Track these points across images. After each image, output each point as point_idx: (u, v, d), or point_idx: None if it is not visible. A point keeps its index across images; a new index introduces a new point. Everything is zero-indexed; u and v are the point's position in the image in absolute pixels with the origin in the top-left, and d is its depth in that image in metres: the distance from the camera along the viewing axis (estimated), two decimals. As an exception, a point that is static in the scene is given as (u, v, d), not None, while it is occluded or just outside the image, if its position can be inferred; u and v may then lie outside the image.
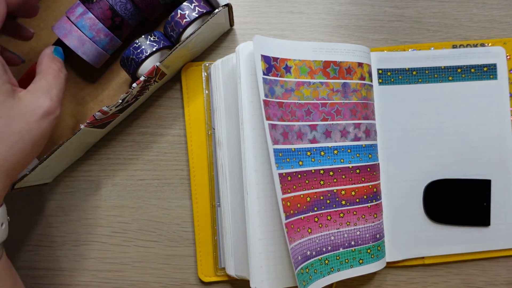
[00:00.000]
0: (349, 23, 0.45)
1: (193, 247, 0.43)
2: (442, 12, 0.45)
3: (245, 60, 0.37)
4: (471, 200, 0.42)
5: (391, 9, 0.45)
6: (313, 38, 0.45)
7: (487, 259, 0.43)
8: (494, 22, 0.45)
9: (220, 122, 0.40)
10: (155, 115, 0.44)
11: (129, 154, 0.43)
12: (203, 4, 0.39)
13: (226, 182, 0.40)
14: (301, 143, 0.37)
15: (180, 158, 0.43)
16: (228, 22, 0.42)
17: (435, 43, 0.44)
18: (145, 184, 0.43)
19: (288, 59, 0.38)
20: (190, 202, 0.43)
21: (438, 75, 0.43)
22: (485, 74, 0.43)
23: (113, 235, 0.42)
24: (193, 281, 0.42)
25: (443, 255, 0.42)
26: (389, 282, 0.43)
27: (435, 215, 0.42)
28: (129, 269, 0.42)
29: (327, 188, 0.38)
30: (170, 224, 0.43)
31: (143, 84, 0.37)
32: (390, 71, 0.43)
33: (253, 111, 0.37)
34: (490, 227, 0.43)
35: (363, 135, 0.40)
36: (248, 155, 0.37)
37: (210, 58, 0.44)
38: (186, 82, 0.43)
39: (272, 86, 0.37)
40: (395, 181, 0.42)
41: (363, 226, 0.40)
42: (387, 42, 0.45)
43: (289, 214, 0.35)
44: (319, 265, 0.37)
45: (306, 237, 0.37)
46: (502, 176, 0.43)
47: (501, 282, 0.43)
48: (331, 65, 0.39)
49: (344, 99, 0.39)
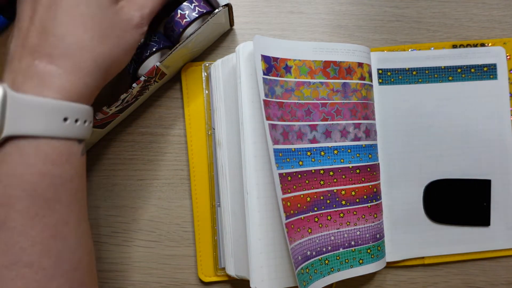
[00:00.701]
0: (349, 23, 0.45)
1: (193, 247, 0.43)
2: (442, 12, 0.45)
3: (245, 60, 0.37)
4: (471, 200, 0.42)
5: (391, 9, 0.45)
6: (313, 38, 0.45)
7: (487, 259, 0.43)
8: (494, 22, 0.45)
9: (220, 122, 0.40)
10: (155, 115, 0.44)
11: (129, 154, 0.43)
12: (203, 4, 0.39)
13: (226, 182, 0.40)
14: (301, 143, 0.37)
15: (180, 158, 0.43)
16: (228, 22, 0.42)
17: (435, 43, 0.44)
18: (145, 184, 0.43)
19: (288, 59, 0.38)
20: (190, 202, 0.43)
21: (438, 75, 0.43)
22: (485, 74, 0.43)
23: (113, 235, 0.42)
24: (193, 281, 0.42)
25: (443, 255, 0.42)
26: (389, 282, 0.43)
27: (435, 215, 0.42)
28: (129, 269, 0.42)
29: (327, 188, 0.38)
30: (170, 224, 0.43)
31: (143, 84, 0.38)
32: (390, 71, 0.43)
33: (253, 111, 0.37)
34: (490, 227, 0.43)
35: (363, 135, 0.40)
36: (248, 155, 0.37)
37: (210, 58, 0.44)
38: (186, 82, 0.43)
39: (272, 86, 0.37)
40: (395, 181, 0.42)
41: (363, 226, 0.40)
42: (387, 42, 0.45)
43: (289, 214, 0.35)
44: (319, 265, 0.37)
45: (306, 237, 0.37)
46: (502, 176, 0.43)
47: (501, 282, 0.43)
48: (331, 65, 0.39)
49: (344, 99, 0.39)
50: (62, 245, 0.28)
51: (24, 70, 0.27)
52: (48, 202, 0.27)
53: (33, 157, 0.26)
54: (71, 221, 0.28)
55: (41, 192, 0.27)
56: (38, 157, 0.27)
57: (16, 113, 0.26)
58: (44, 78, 0.27)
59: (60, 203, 0.28)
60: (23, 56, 0.28)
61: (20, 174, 0.26)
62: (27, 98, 0.26)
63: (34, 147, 0.27)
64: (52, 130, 0.27)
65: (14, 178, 0.26)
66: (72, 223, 0.28)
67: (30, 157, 0.26)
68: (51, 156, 0.27)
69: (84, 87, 0.29)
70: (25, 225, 0.26)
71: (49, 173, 0.27)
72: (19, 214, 0.26)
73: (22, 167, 0.26)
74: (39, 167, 0.27)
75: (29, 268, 0.26)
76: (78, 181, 0.29)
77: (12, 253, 0.26)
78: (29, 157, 0.26)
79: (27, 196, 0.26)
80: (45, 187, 0.27)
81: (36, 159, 0.26)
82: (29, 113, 0.26)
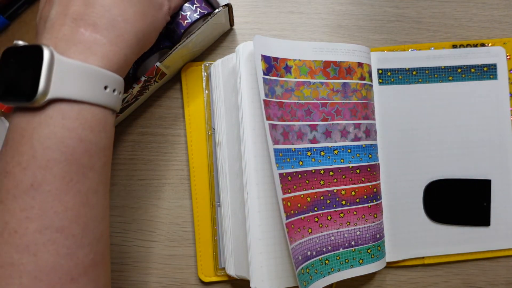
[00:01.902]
0: (349, 23, 0.45)
1: (193, 247, 0.42)
2: (442, 12, 0.45)
3: (245, 60, 0.37)
4: (471, 200, 0.42)
5: (391, 9, 0.45)
6: (313, 38, 0.45)
7: (487, 259, 0.43)
8: (494, 22, 0.45)
9: (220, 122, 0.40)
10: (155, 115, 0.44)
11: (129, 154, 0.43)
12: (205, 6, 0.39)
13: (226, 182, 0.40)
14: (301, 143, 0.37)
15: (180, 158, 0.43)
16: (228, 22, 0.42)
17: (435, 43, 0.44)
18: (145, 184, 0.43)
19: (288, 59, 0.38)
20: (190, 202, 0.43)
21: (438, 75, 0.43)
22: (485, 74, 0.43)
23: (113, 235, 0.42)
24: (193, 281, 0.42)
25: (443, 255, 0.42)
26: (389, 282, 0.43)
27: (435, 215, 0.42)
28: (129, 269, 0.42)
29: (327, 188, 0.38)
30: (170, 224, 0.43)
31: (143, 84, 0.38)
32: (390, 71, 0.43)
33: (253, 111, 0.37)
34: (490, 227, 0.43)
35: (363, 135, 0.40)
36: (248, 155, 0.37)
37: (210, 58, 0.44)
38: (186, 82, 0.43)
39: (272, 86, 0.37)
40: (395, 181, 0.42)
41: (363, 226, 0.40)
42: (387, 42, 0.45)
43: (290, 214, 0.35)
44: (319, 265, 0.37)
45: (307, 237, 0.37)
46: (502, 176, 0.43)
47: (501, 282, 0.43)
48: (331, 65, 0.39)
49: (344, 99, 0.39)
50: (91, 213, 0.28)
51: (67, 37, 0.27)
52: (83, 168, 0.27)
53: (74, 122, 0.27)
54: (100, 190, 0.29)
55: (77, 158, 0.27)
56: (78, 122, 0.27)
57: (61, 77, 0.26)
58: (89, 45, 0.28)
59: (93, 171, 0.28)
60: (65, 23, 0.28)
61: (61, 137, 0.26)
62: (73, 63, 0.26)
63: (76, 111, 0.27)
64: (95, 96, 0.27)
65: (54, 141, 0.26)
66: (100, 193, 0.29)
67: (71, 122, 0.26)
68: (90, 123, 0.27)
69: (124, 58, 0.30)
70: (60, 190, 0.26)
71: (87, 139, 0.27)
72: (56, 178, 0.26)
73: (63, 131, 0.26)
74: (79, 132, 0.27)
75: (60, 233, 0.26)
76: (109, 151, 0.30)
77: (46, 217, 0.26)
78: (70, 121, 0.26)
79: (65, 160, 0.26)
80: (82, 153, 0.27)
81: (76, 124, 0.27)
82: (74, 78, 0.26)
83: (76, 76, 0.27)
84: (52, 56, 0.26)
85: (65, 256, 0.26)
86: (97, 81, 0.28)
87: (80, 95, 0.27)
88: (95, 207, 0.28)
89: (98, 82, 0.28)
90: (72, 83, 0.26)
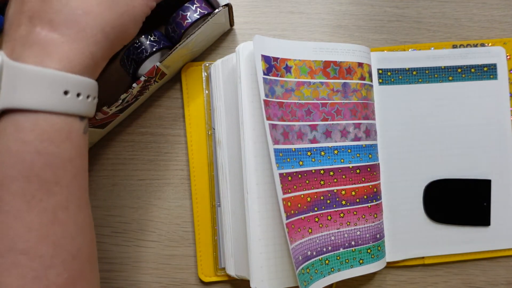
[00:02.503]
0: (349, 23, 0.45)
1: (193, 247, 0.42)
2: (442, 12, 0.45)
3: (245, 60, 0.37)
4: (471, 200, 0.42)
5: (391, 9, 0.45)
6: (313, 38, 0.45)
7: (487, 259, 0.43)
8: (494, 22, 0.45)
9: (220, 122, 0.40)
10: (155, 115, 0.44)
11: (129, 154, 0.43)
12: (205, 6, 0.39)
13: (226, 182, 0.40)
14: (302, 143, 0.37)
15: (180, 158, 0.43)
16: (228, 22, 0.42)
17: (435, 43, 0.44)
18: (145, 184, 0.43)
19: (288, 59, 0.38)
20: (190, 202, 0.43)
21: (438, 75, 0.43)
22: (485, 74, 0.43)
23: (113, 235, 0.42)
24: (193, 281, 0.42)
25: (443, 255, 0.42)
26: (389, 282, 0.43)
27: (435, 215, 0.42)
28: (129, 269, 0.42)
29: (327, 188, 0.38)
30: (170, 224, 0.43)
31: (143, 84, 0.37)
32: (390, 71, 0.43)
33: (253, 111, 0.37)
34: (490, 227, 0.43)
35: (363, 135, 0.40)
36: (248, 155, 0.37)
37: (210, 58, 0.44)
38: (186, 82, 0.43)
39: (272, 86, 0.37)
40: (395, 181, 0.42)
41: (363, 226, 0.40)
42: (387, 42, 0.45)
43: (290, 214, 0.35)
44: (319, 265, 0.37)
45: (307, 237, 0.37)
46: (502, 176, 0.43)
47: (501, 282, 0.43)
48: (331, 65, 0.39)
49: (344, 99, 0.39)
50: (61, 231, 0.26)
51: (23, 38, 0.25)
52: (46, 184, 0.25)
53: (29, 133, 0.24)
54: (71, 206, 0.26)
55: (37, 173, 0.24)
56: (34, 133, 0.24)
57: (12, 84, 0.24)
58: (45, 46, 0.25)
59: (59, 186, 0.25)
60: (22, 22, 0.25)
61: (16, 151, 0.24)
62: (25, 68, 0.24)
63: (31, 122, 0.24)
64: (51, 103, 0.25)
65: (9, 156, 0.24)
66: (72, 209, 0.26)
67: (27, 133, 0.24)
68: (49, 133, 0.25)
69: (89, 57, 0.26)
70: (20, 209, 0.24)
71: (46, 152, 0.25)
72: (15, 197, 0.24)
73: (18, 144, 0.24)
74: (36, 145, 0.24)
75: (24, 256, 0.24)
76: (80, 162, 0.27)
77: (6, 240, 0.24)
78: (25, 133, 0.24)
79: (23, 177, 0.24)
80: (42, 167, 0.25)
81: (32, 136, 0.24)
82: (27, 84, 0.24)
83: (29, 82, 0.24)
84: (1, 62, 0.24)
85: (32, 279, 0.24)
86: (54, 86, 0.25)
87: (35, 104, 0.24)
88: (67, 224, 0.26)
89: (56, 87, 0.25)
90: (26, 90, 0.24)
